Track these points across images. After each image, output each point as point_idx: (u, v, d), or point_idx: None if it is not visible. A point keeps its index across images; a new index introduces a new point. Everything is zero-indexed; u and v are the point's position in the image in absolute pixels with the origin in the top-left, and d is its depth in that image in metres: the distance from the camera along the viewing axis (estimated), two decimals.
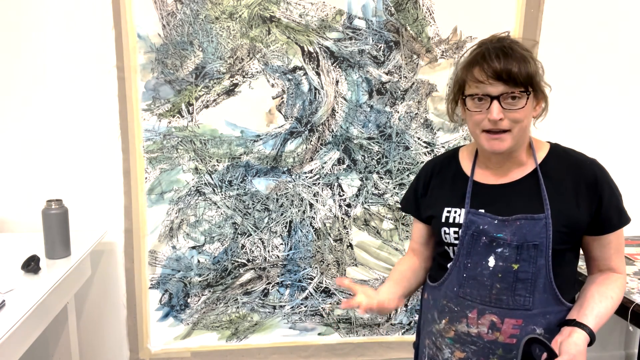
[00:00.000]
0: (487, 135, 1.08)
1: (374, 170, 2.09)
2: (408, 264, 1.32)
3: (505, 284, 1.10)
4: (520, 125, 1.07)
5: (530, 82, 1.05)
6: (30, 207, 1.97)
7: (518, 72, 1.03)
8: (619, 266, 1.16)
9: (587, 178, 1.10)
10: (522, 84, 1.04)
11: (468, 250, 1.13)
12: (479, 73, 1.06)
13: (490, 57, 1.04)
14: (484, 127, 1.08)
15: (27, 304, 1.36)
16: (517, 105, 1.05)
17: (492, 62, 1.04)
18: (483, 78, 1.05)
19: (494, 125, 1.06)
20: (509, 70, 1.02)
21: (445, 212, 1.18)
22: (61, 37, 1.89)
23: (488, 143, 1.08)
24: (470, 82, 1.08)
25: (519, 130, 1.07)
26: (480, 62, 1.06)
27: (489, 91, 1.05)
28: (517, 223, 1.09)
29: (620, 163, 2.15)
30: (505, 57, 1.03)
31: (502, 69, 1.03)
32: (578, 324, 1.08)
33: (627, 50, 2.15)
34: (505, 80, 1.03)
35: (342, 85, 2.01)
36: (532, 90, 1.06)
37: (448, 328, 1.18)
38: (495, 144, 1.07)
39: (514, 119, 1.05)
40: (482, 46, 1.09)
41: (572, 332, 1.07)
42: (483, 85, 1.05)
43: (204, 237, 2.07)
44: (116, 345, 2.15)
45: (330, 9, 1.94)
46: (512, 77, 1.03)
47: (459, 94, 1.13)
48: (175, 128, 1.97)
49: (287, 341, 2.19)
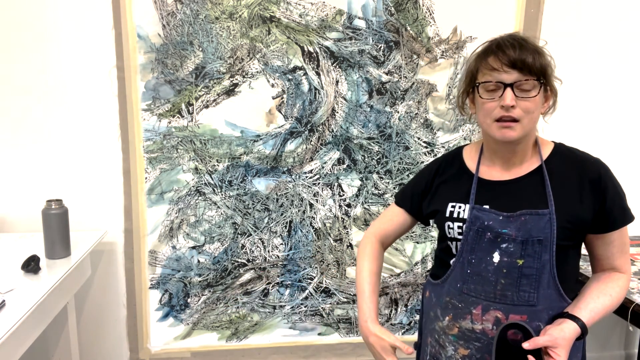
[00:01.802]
0: (498, 124, 1.09)
1: (374, 170, 2.09)
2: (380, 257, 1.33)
3: (510, 279, 1.10)
4: (531, 117, 1.08)
5: (543, 73, 1.07)
6: (30, 207, 1.97)
7: (533, 62, 1.05)
8: (622, 265, 1.16)
9: (591, 176, 1.11)
10: (536, 74, 1.06)
11: (472, 246, 1.14)
12: (493, 61, 1.08)
13: (506, 45, 1.07)
14: (495, 116, 1.09)
15: (27, 304, 1.36)
16: (530, 94, 1.07)
17: (507, 50, 1.06)
18: (498, 66, 1.07)
19: (506, 112, 1.07)
20: (524, 59, 1.05)
21: (450, 207, 1.19)
22: (61, 37, 1.89)
23: (499, 131, 1.09)
24: (484, 70, 1.10)
25: (528, 121, 1.08)
26: (495, 51, 1.08)
27: (503, 78, 1.07)
28: (521, 218, 1.10)
29: (620, 163, 2.15)
30: (520, 47, 1.06)
31: (517, 58, 1.05)
32: (570, 316, 1.08)
33: (628, 50, 2.15)
34: (520, 68, 1.06)
35: (342, 85, 2.01)
36: (544, 81, 1.08)
37: (452, 325, 1.18)
38: (507, 132, 1.08)
39: (525, 108, 1.07)
40: (494, 39, 1.12)
41: (563, 322, 1.08)
42: (497, 73, 1.07)
43: (204, 237, 2.07)
44: (116, 345, 2.15)
45: (330, 9, 1.94)
46: (527, 66, 1.05)
47: (471, 84, 1.14)
48: (175, 128, 1.97)
49: (287, 341, 2.19)
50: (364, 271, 1.29)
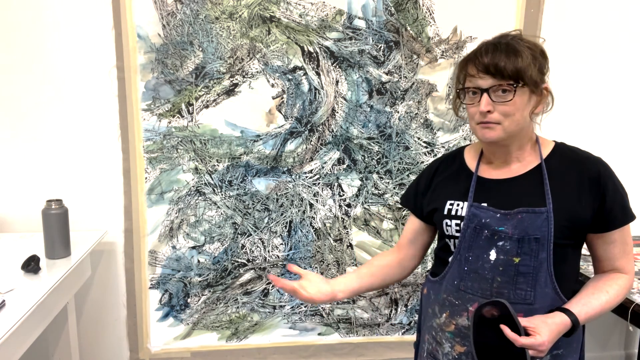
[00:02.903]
0: (480, 126, 1.12)
1: (374, 170, 2.09)
2: (387, 259, 1.34)
3: (507, 277, 1.10)
4: (512, 119, 1.09)
5: (519, 76, 1.07)
6: (30, 207, 1.97)
7: (504, 66, 1.06)
8: (624, 267, 1.15)
9: (591, 174, 1.11)
10: (510, 77, 1.07)
11: (470, 243, 1.14)
12: (471, 68, 1.11)
13: (481, 52, 1.09)
14: (477, 120, 1.12)
15: (27, 304, 1.36)
16: (506, 98, 1.08)
17: (482, 57, 1.09)
18: (474, 72, 1.10)
19: (483, 117, 1.10)
20: (496, 64, 1.07)
21: (448, 205, 1.20)
22: (61, 37, 1.89)
23: (481, 132, 1.12)
24: (467, 76, 1.13)
25: (510, 123, 1.09)
26: (472, 58, 1.11)
27: (479, 84, 1.10)
28: (518, 216, 1.10)
29: (622, 162, 2.15)
30: (494, 52, 1.08)
31: (489, 63, 1.07)
32: (562, 309, 1.08)
33: (628, 50, 2.15)
34: (492, 73, 1.07)
35: (342, 85, 2.01)
36: (523, 84, 1.07)
37: (449, 322, 1.18)
38: (486, 132, 1.11)
39: (503, 111, 1.09)
40: (482, 43, 1.13)
41: (554, 313, 1.08)
42: (474, 79, 1.10)
43: (204, 237, 2.07)
44: (116, 345, 2.15)
45: (330, 9, 1.94)
46: (499, 70, 1.06)
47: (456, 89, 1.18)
48: (175, 128, 1.97)
49: (287, 341, 2.19)
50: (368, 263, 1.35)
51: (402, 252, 1.35)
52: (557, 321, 1.05)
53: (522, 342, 0.99)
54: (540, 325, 1.03)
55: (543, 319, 1.05)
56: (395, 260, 1.34)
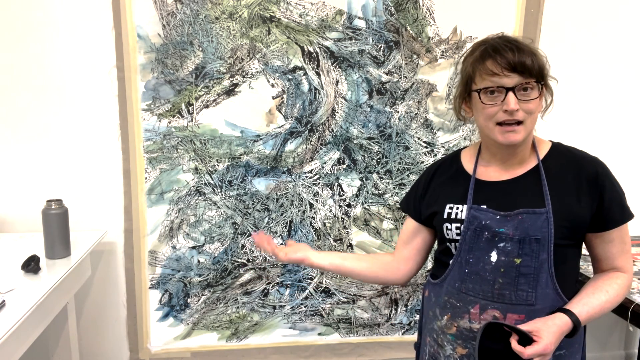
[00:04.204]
0: (501, 128, 1.10)
1: (374, 170, 2.09)
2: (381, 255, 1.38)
3: (508, 278, 1.10)
4: (532, 117, 1.10)
5: (542, 74, 1.08)
6: (30, 207, 1.97)
7: (532, 64, 1.06)
8: (623, 266, 1.16)
9: (588, 174, 1.11)
10: (535, 76, 1.07)
11: (470, 245, 1.14)
12: (492, 65, 1.07)
13: (503, 49, 1.07)
14: (497, 120, 1.09)
15: (27, 304, 1.36)
16: (531, 96, 1.08)
17: (506, 54, 1.06)
18: (498, 70, 1.07)
19: (510, 116, 1.07)
20: (523, 62, 1.06)
21: (447, 209, 1.19)
22: (61, 37, 1.89)
23: (503, 136, 1.10)
24: (483, 75, 1.09)
25: (530, 122, 1.10)
26: (493, 55, 1.08)
27: (504, 82, 1.07)
28: (519, 217, 1.10)
29: (621, 163, 2.15)
30: (518, 50, 1.07)
31: (517, 61, 1.06)
32: (562, 310, 1.08)
33: (628, 50, 2.15)
34: (520, 71, 1.06)
35: (342, 85, 2.01)
36: (543, 82, 1.09)
37: (450, 324, 1.18)
38: (511, 136, 1.09)
39: (527, 110, 1.08)
40: (487, 42, 1.12)
41: (555, 315, 1.08)
42: (498, 77, 1.07)
43: (204, 237, 2.07)
44: (116, 345, 2.15)
45: (330, 9, 1.94)
46: (527, 69, 1.06)
47: (467, 89, 1.14)
48: (175, 128, 1.97)
49: (287, 341, 2.19)
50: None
51: (396, 253, 1.36)
52: (558, 322, 1.05)
53: (528, 353, 1.01)
54: (542, 328, 1.03)
55: (544, 321, 1.05)
56: (388, 258, 1.35)
